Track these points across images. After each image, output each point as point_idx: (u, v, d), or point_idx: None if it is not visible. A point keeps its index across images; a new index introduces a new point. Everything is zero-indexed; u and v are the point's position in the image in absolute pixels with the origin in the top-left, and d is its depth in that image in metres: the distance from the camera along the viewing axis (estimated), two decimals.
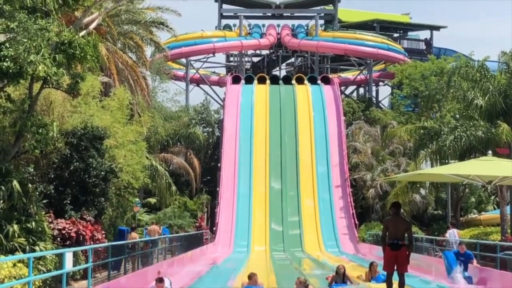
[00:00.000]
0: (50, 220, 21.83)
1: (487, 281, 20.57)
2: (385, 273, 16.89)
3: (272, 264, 33.78)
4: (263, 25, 72.66)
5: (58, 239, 21.77)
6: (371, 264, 22.00)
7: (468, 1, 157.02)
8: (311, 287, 16.56)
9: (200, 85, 69.48)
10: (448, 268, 21.64)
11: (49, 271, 18.16)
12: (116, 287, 18.43)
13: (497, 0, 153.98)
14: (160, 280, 17.35)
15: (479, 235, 32.95)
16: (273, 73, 71.72)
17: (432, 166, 36.93)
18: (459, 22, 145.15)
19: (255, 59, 77.72)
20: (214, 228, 45.32)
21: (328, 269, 28.54)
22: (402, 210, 42.64)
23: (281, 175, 48.40)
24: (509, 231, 32.08)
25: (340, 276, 18.85)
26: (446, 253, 22.81)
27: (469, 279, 20.77)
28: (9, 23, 16.02)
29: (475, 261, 21.75)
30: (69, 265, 15.70)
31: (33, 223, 19.59)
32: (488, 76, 34.67)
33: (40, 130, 20.27)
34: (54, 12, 18.39)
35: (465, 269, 21.04)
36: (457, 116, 39.41)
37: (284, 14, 74.04)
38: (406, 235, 16.10)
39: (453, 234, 30.41)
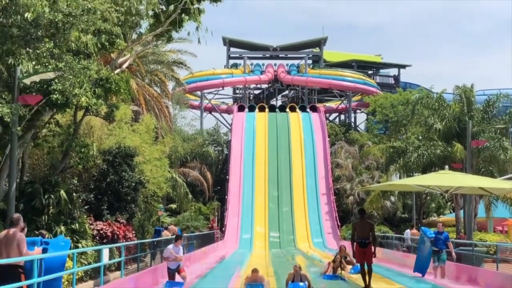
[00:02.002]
0: (90, 222, 21.80)
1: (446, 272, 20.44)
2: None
3: (270, 257, 33.65)
4: (263, 64, 72.81)
5: (97, 237, 21.74)
6: (340, 247, 22.18)
7: (429, 45, 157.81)
8: (302, 271, 16.53)
9: (212, 113, 69.65)
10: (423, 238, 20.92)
11: (89, 263, 18.16)
12: (142, 276, 18.34)
13: (453, 44, 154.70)
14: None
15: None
16: (271, 103, 71.91)
17: (400, 178, 36.96)
18: (422, 62, 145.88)
19: (257, 92, 77.92)
20: (223, 229, 45.20)
21: (316, 262, 28.49)
22: (376, 214, 43.08)
23: (277, 185, 48.33)
24: (462, 230, 32.00)
25: (298, 275, 16.04)
26: (423, 228, 22.34)
27: (442, 262, 20.14)
28: (58, 63, 16.08)
29: (450, 244, 20.80)
30: (106, 259, 15.65)
31: (77, 225, 19.63)
32: (445, 105, 34.78)
33: (83, 150, 20.37)
34: (94, 54, 18.47)
35: (444, 245, 20.16)
36: (420, 137, 39.43)
37: (280, 55, 74.26)
38: (370, 233, 16.26)
39: (407, 233, 31.15)
